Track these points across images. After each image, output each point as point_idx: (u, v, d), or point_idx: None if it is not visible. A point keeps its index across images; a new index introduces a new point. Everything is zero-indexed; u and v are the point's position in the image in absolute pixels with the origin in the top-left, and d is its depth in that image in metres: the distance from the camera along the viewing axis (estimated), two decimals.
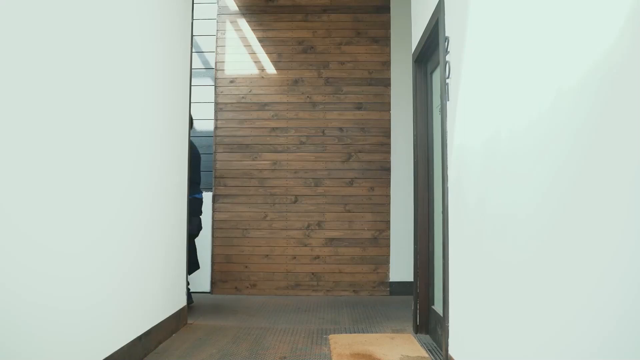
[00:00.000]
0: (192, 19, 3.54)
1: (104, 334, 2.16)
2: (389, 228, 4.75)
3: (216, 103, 4.89)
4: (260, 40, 4.93)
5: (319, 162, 4.83)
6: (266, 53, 4.92)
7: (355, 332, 3.18)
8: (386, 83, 4.88)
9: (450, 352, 2.30)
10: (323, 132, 4.84)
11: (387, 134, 4.83)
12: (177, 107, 3.23)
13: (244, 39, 4.94)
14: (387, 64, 4.89)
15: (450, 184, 2.37)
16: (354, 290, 4.70)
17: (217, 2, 4.96)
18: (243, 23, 4.96)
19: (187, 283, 3.93)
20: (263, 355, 2.68)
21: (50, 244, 1.75)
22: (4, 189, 1.51)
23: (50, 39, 1.75)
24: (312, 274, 4.73)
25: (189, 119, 3.99)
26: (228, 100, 4.89)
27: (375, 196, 4.79)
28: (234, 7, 4.96)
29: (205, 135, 4.89)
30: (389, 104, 4.85)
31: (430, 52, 3.06)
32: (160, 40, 2.89)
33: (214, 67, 4.94)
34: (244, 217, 4.75)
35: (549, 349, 1.27)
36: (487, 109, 1.83)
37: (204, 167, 4.67)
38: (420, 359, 2.58)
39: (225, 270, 4.74)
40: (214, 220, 4.76)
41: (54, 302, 1.78)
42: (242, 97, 4.89)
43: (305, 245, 4.75)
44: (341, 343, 2.89)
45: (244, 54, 4.93)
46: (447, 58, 2.40)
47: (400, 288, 4.64)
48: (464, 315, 2.14)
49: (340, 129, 4.84)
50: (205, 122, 4.89)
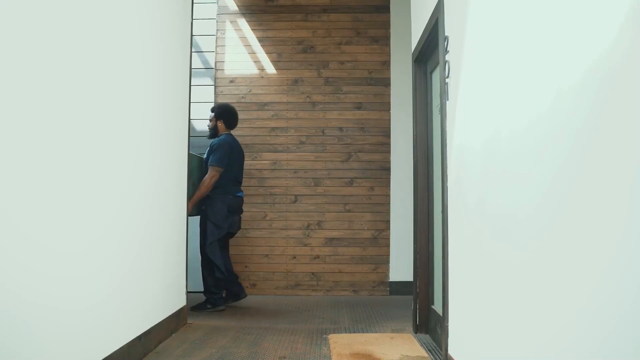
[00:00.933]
0: (192, 19, 3.54)
1: (103, 333, 2.16)
2: (388, 228, 4.75)
3: (216, 103, 4.89)
4: (260, 40, 4.93)
5: (319, 161, 4.83)
6: (266, 53, 4.92)
7: (355, 332, 3.18)
8: (386, 83, 4.88)
9: (450, 351, 2.30)
10: (323, 131, 4.85)
11: (386, 133, 4.83)
12: (177, 107, 3.23)
13: (243, 38, 4.94)
14: (386, 64, 4.89)
15: (450, 184, 2.37)
16: (353, 290, 4.70)
17: (217, 2, 4.96)
18: (243, 23, 4.96)
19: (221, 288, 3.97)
20: (263, 355, 2.68)
21: (50, 244, 1.75)
22: (4, 189, 1.51)
23: (51, 39, 1.75)
24: (312, 273, 4.73)
25: (230, 119, 4.06)
26: (228, 100, 4.89)
27: (375, 196, 4.79)
28: (233, 7, 4.96)
29: (205, 135, 4.89)
30: (389, 103, 4.85)
31: (430, 51, 3.06)
32: (160, 40, 2.89)
33: (213, 67, 4.94)
34: (243, 216, 4.75)
35: (549, 349, 1.27)
36: (487, 109, 1.83)
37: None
38: (420, 359, 2.58)
39: None
40: None
41: (54, 302, 1.78)
42: (242, 97, 4.89)
43: (305, 245, 4.75)
44: (341, 343, 2.89)
45: (244, 54, 4.93)
46: (447, 58, 2.41)
47: (400, 288, 4.64)
48: (463, 315, 2.14)
49: (340, 129, 4.84)
50: (205, 122, 4.88)
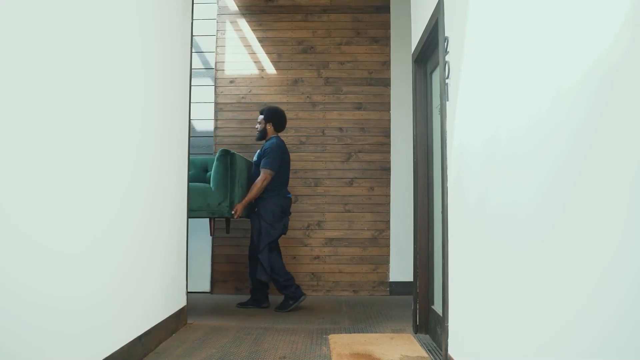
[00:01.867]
0: (192, 19, 3.54)
1: (104, 333, 2.16)
2: (388, 228, 4.75)
3: (216, 103, 4.89)
4: (260, 40, 4.94)
5: (319, 162, 4.83)
6: (266, 53, 4.92)
7: (354, 332, 3.18)
8: (386, 83, 4.88)
9: (450, 352, 2.30)
10: (323, 132, 4.85)
11: (386, 134, 4.83)
12: (177, 107, 3.23)
13: (243, 39, 4.94)
14: (386, 64, 4.89)
15: (450, 184, 2.37)
16: (353, 290, 4.70)
17: (217, 2, 4.97)
18: (243, 23, 4.96)
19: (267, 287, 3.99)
20: (263, 355, 2.68)
21: (50, 243, 1.75)
22: (4, 189, 1.51)
23: (50, 39, 1.75)
24: (312, 274, 4.73)
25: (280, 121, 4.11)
26: (228, 100, 4.89)
27: (375, 196, 4.79)
28: (233, 7, 4.96)
29: (205, 135, 4.89)
30: (389, 104, 4.85)
31: (430, 52, 3.06)
32: (160, 40, 2.89)
33: (213, 67, 4.94)
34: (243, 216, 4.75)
35: (549, 349, 1.28)
36: (486, 109, 1.83)
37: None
38: (420, 359, 2.58)
39: (226, 270, 4.74)
40: (214, 221, 4.75)
41: (54, 302, 1.78)
42: (242, 97, 4.90)
43: (305, 245, 4.75)
44: (341, 343, 2.89)
45: (244, 54, 4.93)
46: (447, 58, 2.41)
47: (399, 288, 4.64)
48: (463, 315, 2.14)
49: (340, 129, 4.84)
50: (205, 122, 4.89)
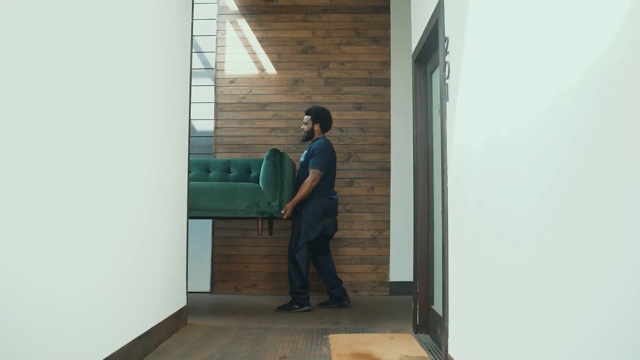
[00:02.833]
0: (192, 19, 3.54)
1: (104, 333, 2.16)
2: (388, 228, 4.75)
3: (216, 103, 4.89)
4: (260, 40, 4.94)
5: None
6: (266, 53, 4.92)
7: (355, 332, 3.18)
8: (386, 83, 4.88)
9: (450, 352, 2.30)
10: None
11: (386, 134, 4.83)
12: (177, 107, 3.23)
13: (243, 39, 4.94)
14: (387, 64, 4.89)
15: (450, 184, 2.37)
16: (353, 290, 4.70)
17: (217, 2, 4.97)
18: (243, 23, 4.96)
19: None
20: (263, 355, 2.68)
21: (50, 243, 1.75)
22: (3, 189, 1.51)
23: (50, 39, 1.75)
24: (312, 273, 4.73)
25: (325, 121, 4.11)
26: (228, 100, 4.89)
27: (375, 196, 4.79)
28: (234, 7, 4.96)
29: (205, 135, 4.89)
30: (389, 104, 4.85)
31: (430, 52, 3.06)
32: (160, 40, 2.89)
33: (214, 67, 4.94)
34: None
35: (549, 349, 1.28)
36: (486, 109, 1.83)
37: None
38: (420, 359, 2.58)
39: (225, 270, 4.74)
40: (214, 220, 4.75)
41: (54, 302, 1.78)
42: (242, 97, 4.90)
43: None
44: (341, 343, 2.89)
45: (244, 54, 4.93)
46: (447, 58, 2.41)
47: (400, 288, 4.64)
48: (463, 315, 2.14)
49: (340, 129, 4.84)
50: (205, 122, 4.89)
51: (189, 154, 3.50)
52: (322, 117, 4.15)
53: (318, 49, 4.92)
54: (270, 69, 4.92)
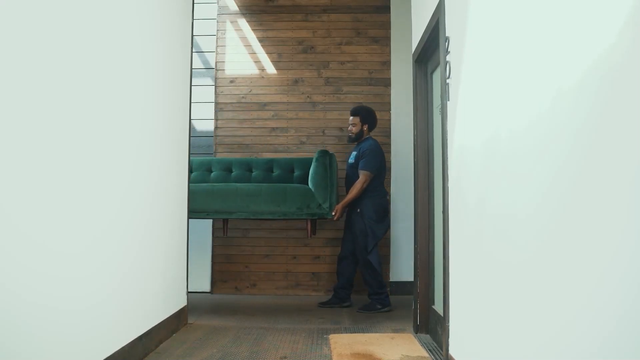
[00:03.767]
0: (192, 19, 3.54)
1: (104, 334, 2.16)
2: (389, 228, 4.74)
3: (216, 103, 4.89)
4: (260, 40, 4.93)
5: None
6: (266, 53, 4.92)
7: (355, 332, 3.18)
8: (386, 83, 4.88)
9: (451, 351, 2.30)
10: (323, 132, 4.84)
11: (387, 134, 4.82)
12: (177, 107, 3.23)
13: (244, 38, 4.94)
14: (387, 64, 4.89)
15: (451, 184, 2.37)
16: (354, 290, 4.69)
17: (217, 2, 4.96)
18: (243, 23, 4.96)
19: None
20: (263, 355, 2.68)
21: (50, 243, 1.75)
22: (3, 189, 1.51)
23: (50, 39, 1.75)
24: (313, 273, 4.73)
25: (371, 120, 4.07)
26: (228, 100, 4.89)
27: None
28: (234, 7, 4.96)
29: (205, 135, 4.89)
30: (389, 104, 4.85)
31: (431, 52, 3.06)
32: (160, 40, 2.89)
33: (214, 67, 4.94)
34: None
35: (549, 349, 1.27)
36: (487, 109, 1.83)
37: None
38: (421, 359, 2.58)
39: (226, 270, 4.74)
40: (214, 220, 4.75)
41: (54, 302, 1.78)
42: (242, 97, 4.89)
43: (306, 245, 4.75)
44: (341, 343, 2.89)
45: (244, 54, 4.93)
46: (448, 58, 2.40)
47: (400, 288, 4.64)
48: (464, 315, 2.14)
49: (341, 129, 4.83)
50: (205, 122, 4.89)
51: (189, 153, 3.50)
52: (371, 118, 4.12)
53: (318, 48, 4.91)
54: (271, 69, 4.92)
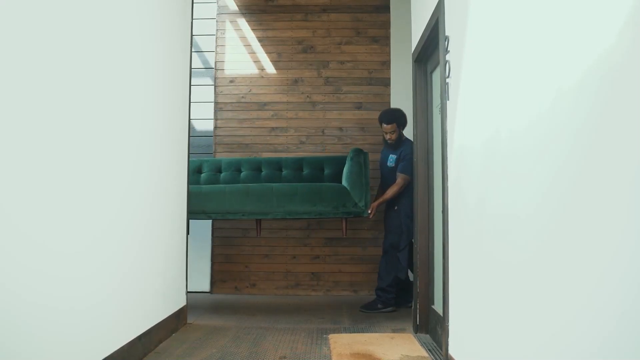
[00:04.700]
0: (192, 19, 3.54)
1: (103, 333, 2.16)
2: None
3: (216, 103, 4.89)
4: (260, 39, 4.93)
5: None
6: (266, 53, 4.92)
7: (355, 332, 3.18)
8: (386, 83, 4.88)
9: (450, 351, 2.30)
10: (323, 131, 4.84)
11: None
12: (177, 106, 3.22)
13: (243, 38, 4.94)
14: (386, 64, 4.89)
15: (450, 184, 2.37)
16: (353, 290, 4.70)
17: (217, 1, 4.96)
18: (243, 23, 4.95)
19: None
20: (263, 354, 2.68)
21: (50, 243, 1.75)
22: (3, 189, 1.51)
23: (50, 39, 1.75)
24: (312, 273, 4.73)
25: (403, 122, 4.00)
26: (228, 100, 4.89)
27: None
28: (233, 6, 4.96)
29: (204, 135, 4.89)
30: (389, 103, 4.84)
31: (430, 51, 3.06)
32: (160, 40, 2.88)
33: (213, 66, 4.94)
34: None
35: (549, 349, 1.27)
36: (487, 109, 1.83)
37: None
38: (421, 359, 2.58)
39: (225, 270, 4.74)
40: (213, 220, 4.75)
41: (54, 301, 1.78)
42: (242, 97, 4.89)
43: (305, 245, 4.75)
44: (341, 343, 2.89)
45: (244, 54, 4.93)
46: (447, 57, 2.40)
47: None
48: (464, 315, 2.14)
49: (340, 129, 4.84)
50: (204, 122, 4.89)
51: (188, 153, 3.50)
52: (404, 119, 4.04)
53: (318, 48, 4.91)
54: (270, 69, 4.91)
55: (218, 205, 3.75)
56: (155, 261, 2.83)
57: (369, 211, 3.87)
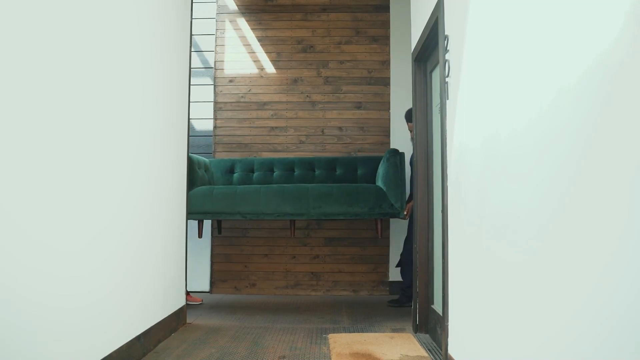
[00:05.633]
0: (191, 18, 3.54)
1: (103, 333, 2.16)
2: (388, 227, 4.74)
3: (215, 102, 4.88)
4: (260, 39, 4.93)
5: None
6: (265, 52, 4.92)
7: (354, 332, 3.18)
8: (386, 82, 4.87)
9: (450, 351, 2.30)
10: (322, 131, 4.84)
11: (386, 133, 4.82)
12: (177, 106, 3.22)
13: (243, 38, 4.94)
14: (386, 63, 4.89)
15: (450, 183, 2.37)
16: (353, 290, 4.69)
17: (217, 1, 4.96)
18: (242, 22, 4.95)
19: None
20: (262, 354, 2.67)
21: (49, 241, 1.75)
22: (3, 187, 1.50)
23: (50, 39, 1.75)
24: (312, 273, 4.73)
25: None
26: (227, 99, 4.88)
27: None
28: (233, 6, 4.95)
29: (204, 134, 4.88)
30: (389, 103, 4.85)
31: (430, 51, 3.05)
32: (159, 40, 2.88)
33: (213, 66, 4.93)
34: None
35: (549, 349, 1.27)
36: (487, 108, 1.83)
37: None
38: (420, 359, 2.57)
39: (225, 270, 4.74)
40: (213, 220, 4.75)
41: (53, 300, 1.77)
42: (242, 97, 4.89)
43: (305, 245, 4.75)
44: (341, 342, 2.88)
45: (243, 53, 4.92)
46: (447, 57, 2.40)
47: (400, 288, 4.63)
48: (463, 315, 2.14)
49: (340, 129, 4.83)
50: (204, 122, 4.89)
51: (188, 153, 3.49)
52: None
53: (317, 48, 4.91)
54: (270, 68, 4.91)
55: (253, 206, 3.74)
56: (154, 260, 2.82)
57: (405, 212, 3.87)
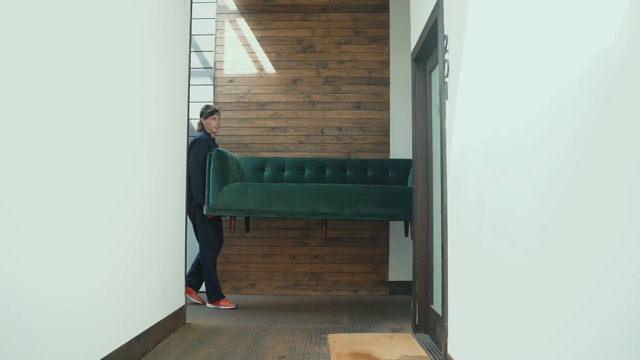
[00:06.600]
0: (191, 18, 3.53)
1: (102, 333, 2.15)
2: (388, 227, 4.74)
3: (215, 102, 4.88)
4: (259, 39, 4.93)
5: None
6: (265, 52, 4.92)
7: (354, 332, 3.18)
8: (385, 82, 4.87)
9: (450, 351, 2.30)
10: (322, 131, 4.84)
11: (386, 133, 4.82)
12: (176, 106, 3.22)
13: (242, 38, 4.94)
14: (386, 63, 4.89)
15: (450, 183, 2.37)
16: (353, 290, 4.69)
17: (216, 1, 4.96)
18: (242, 22, 4.95)
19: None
20: (262, 354, 2.67)
21: (49, 241, 1.75)
22: (3, 187, 1.50)
23: (50, 39, 1.75)
24: (311, 273, 4.73)
25: None
26: (227, 99, 4.88)
27: None
28: (232, 6, 4.95)
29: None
30: (388, 103, 4.85)
31: (430, 51, 3.05)
32: (159, 40, 2.88)
33: (212, 66, 4.93)
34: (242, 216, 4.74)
35: (549, 349, 1.27)
36: (486, 108, 1.83)
37: None
38: (420, 359, 2.57)
39: (224, 270, 4.73)
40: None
41: (52, 300, 1.77)
42: (241, 97, 4.89)
43: (305, 245, 4.75)
44: (340, 342, 2.88)
45: (243, 54, 4.92)
46: (446, 57, 2.40)
47: (399, 287, 4.64)
48: (463, 315, 2.14)
49: (340, 129, 4.83)
50: None
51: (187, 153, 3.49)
52: None
53: (317, 48, 4.91)
54: (269, 68, 4.91)
55: (289, 205, 3.72)
56: (154, 260, 2.82)
57: None
